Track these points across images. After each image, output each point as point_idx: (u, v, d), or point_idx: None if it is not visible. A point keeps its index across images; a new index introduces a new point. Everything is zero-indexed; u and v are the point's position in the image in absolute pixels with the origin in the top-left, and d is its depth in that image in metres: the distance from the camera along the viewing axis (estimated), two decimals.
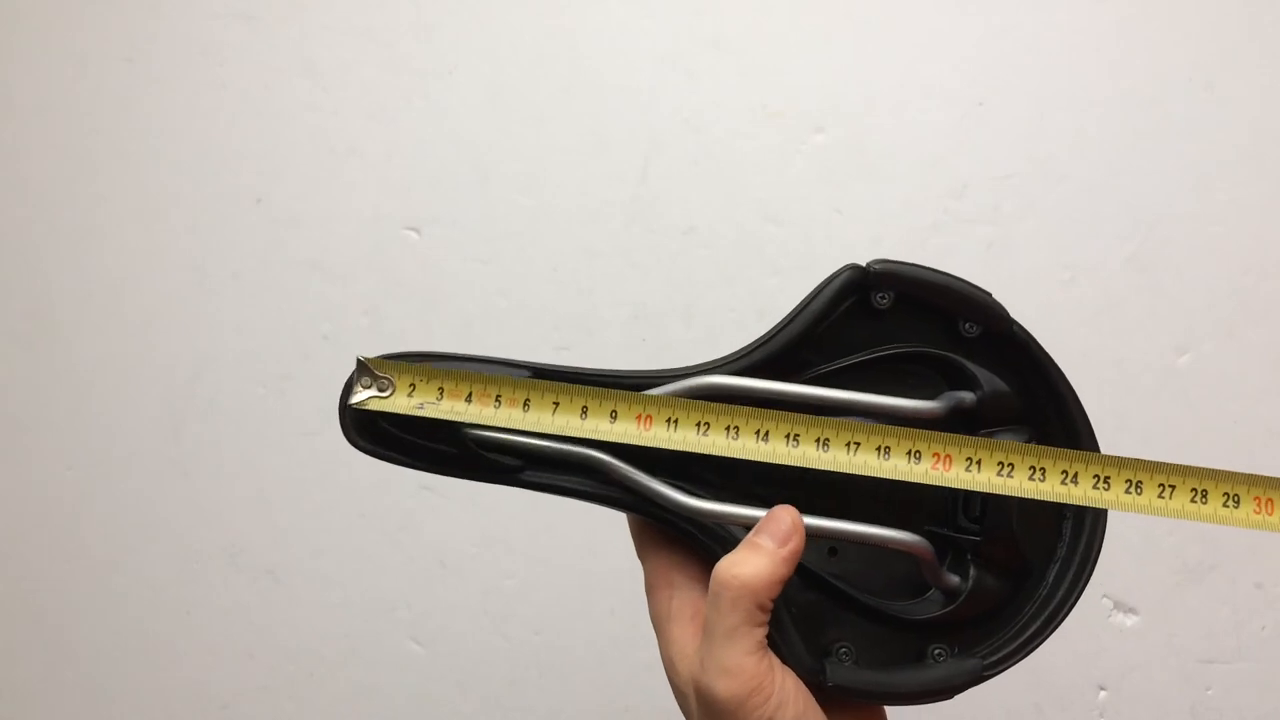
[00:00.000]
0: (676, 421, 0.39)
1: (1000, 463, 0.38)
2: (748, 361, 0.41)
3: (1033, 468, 0.38)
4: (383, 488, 0.81)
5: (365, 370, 0.39)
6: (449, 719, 0.81)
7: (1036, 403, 0.42)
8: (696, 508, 0.39)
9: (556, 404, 0.39)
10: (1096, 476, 0.38)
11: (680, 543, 0.41)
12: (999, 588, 0.41)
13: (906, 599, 0.42)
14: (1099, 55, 0.81)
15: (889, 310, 0.42)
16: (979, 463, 0.38)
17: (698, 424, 0.38)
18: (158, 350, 0.83)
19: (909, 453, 0.39)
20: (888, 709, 0.42)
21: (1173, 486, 0.38)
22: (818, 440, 0.38)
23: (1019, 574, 0.41)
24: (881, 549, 0.41)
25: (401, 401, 0.39)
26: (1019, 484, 0.38)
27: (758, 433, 0.38)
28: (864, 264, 0.42)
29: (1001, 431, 0.41)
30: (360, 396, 0.39)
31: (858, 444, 0.38)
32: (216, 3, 0.85)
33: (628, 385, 0.41)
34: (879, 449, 0.39)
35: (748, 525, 0.39)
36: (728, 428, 0.38)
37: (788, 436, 0.38)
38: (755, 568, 0.36)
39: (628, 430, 0.38)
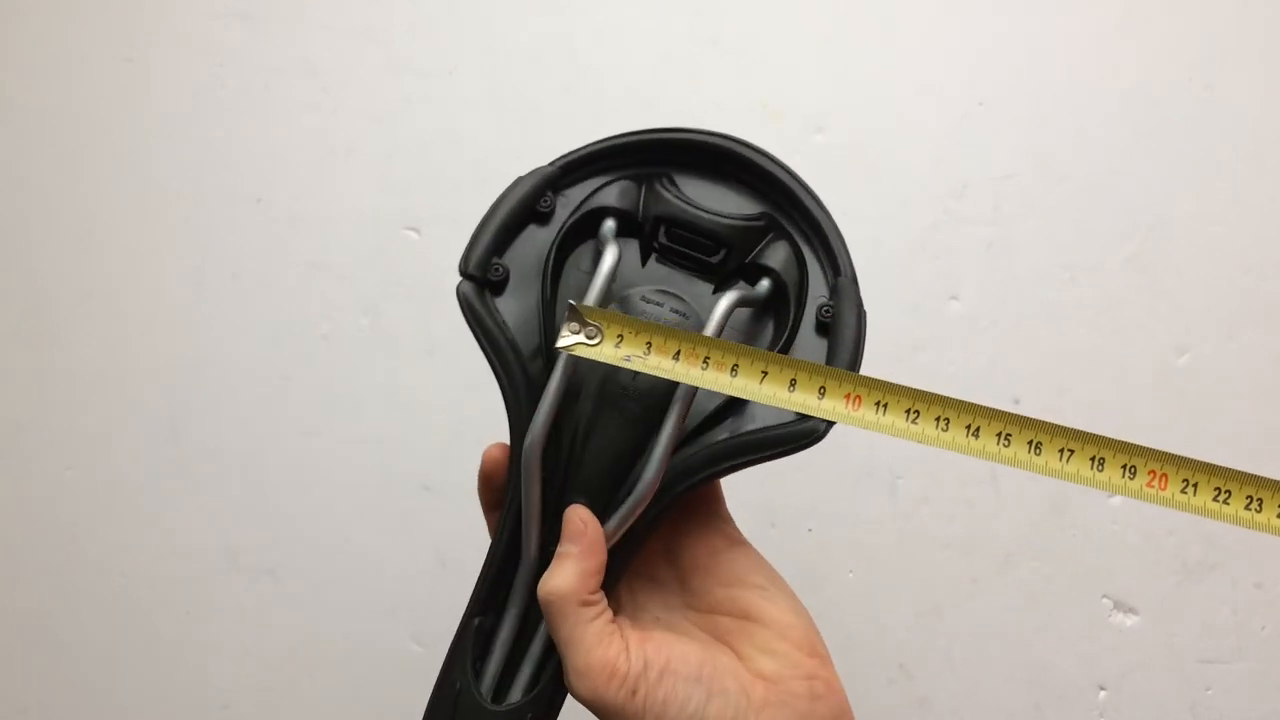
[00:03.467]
0: (885, 405, 0.39)
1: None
2: None
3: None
4: (383, 488, 0.81)
5: (575, 315, 0.39)
6: None
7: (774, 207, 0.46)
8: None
9: (764, 373, 0.39)
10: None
11: None
12: None
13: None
14: (1099, 55, 0.81)
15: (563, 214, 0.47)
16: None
17: (906, 411, 0.38)
18: (157, 350, 0.83)
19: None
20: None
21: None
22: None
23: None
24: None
25: (609, 350, 0.39)
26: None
27: (968, 428, 0.38)
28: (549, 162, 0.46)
29: (766, 249, 0.44)
30: (567, 341, 0.39)
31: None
32: (217, 3, 0.85)
33: None
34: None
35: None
36: (938, 418, 0.38)
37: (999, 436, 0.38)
38: (563, 575, 0.39)
39: (835, 408, 0.39)
